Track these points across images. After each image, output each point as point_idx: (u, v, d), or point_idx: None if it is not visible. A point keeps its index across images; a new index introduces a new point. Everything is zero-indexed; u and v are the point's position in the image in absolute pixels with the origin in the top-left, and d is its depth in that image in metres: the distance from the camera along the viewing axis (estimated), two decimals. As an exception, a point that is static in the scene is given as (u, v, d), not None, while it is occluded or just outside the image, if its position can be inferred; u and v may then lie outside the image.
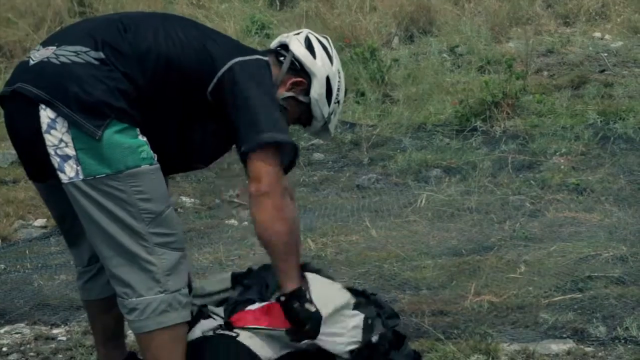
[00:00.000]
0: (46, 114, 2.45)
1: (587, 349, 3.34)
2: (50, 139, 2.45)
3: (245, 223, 5.07)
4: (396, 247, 4.52)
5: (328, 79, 2.82)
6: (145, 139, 2.51)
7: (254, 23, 9.05)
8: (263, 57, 2.72)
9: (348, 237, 4.76)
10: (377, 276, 4.17)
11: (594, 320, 3.53)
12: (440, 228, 4.84)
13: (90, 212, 2.49)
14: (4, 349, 3.66)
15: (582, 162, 5.77)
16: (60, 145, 2.45)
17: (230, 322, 2.74)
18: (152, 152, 2.52)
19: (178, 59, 2.58)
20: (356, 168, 6.13)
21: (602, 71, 7.57)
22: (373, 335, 2.77)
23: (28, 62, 2.56)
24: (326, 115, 2.85)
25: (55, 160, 2.46)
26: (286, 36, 2.89)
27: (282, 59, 2.81)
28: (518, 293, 3.84)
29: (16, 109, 2.54)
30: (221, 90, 2.61)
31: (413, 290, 4.00)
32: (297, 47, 2.82)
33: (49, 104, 2.45)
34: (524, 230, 4.66)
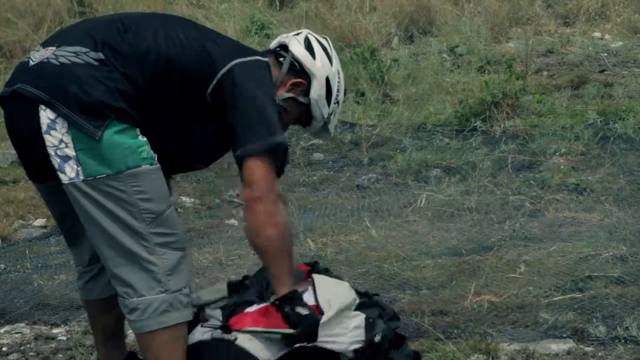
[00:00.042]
0: (46, 115, 2.45)
1: (587, 348, 3.34)
2: (50, 140, 2.45)
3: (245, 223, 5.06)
4: (396, 247, 4.52)
5: (328, 80, 2.82)
6: (146, 139, 2.51)
7: (254, 23, 9.05)
8: (263, 57, 2.73)
9: (348, 237, 4.76)
10: (377, 276, 4.17)
11: (593, 320, 3.53)
12: (440, 228, 4.84)
13: (91, 213, 2.49)
14: (4, 348, 3.66)
15: (582, 162, 5.77)
16: (60, 146, 2.45)
17: (228, 325, 2.73)
18: (152, 152, 2.52)
19: (178, 59, 2.58)
20: (356, 168, 6.13)
21: (602, 71, 7.57)
22: (376, 335, 2.77)
23: (28, 62, 2.55)
24: (326, 115, 2.85)
25: (56, 161, 2.46)
26: (285, 37, 2.88)
27: (282, 59, 2.81)
28: (518, 293, 3.84)
29: (16, 110, 2.54)
30: (221, 91, 2.61)
31: (413, 290, 4.00)
32: (296, 47, 2.82)
33: (48, 105, 2.45)
34: (524, 230, 4.66)
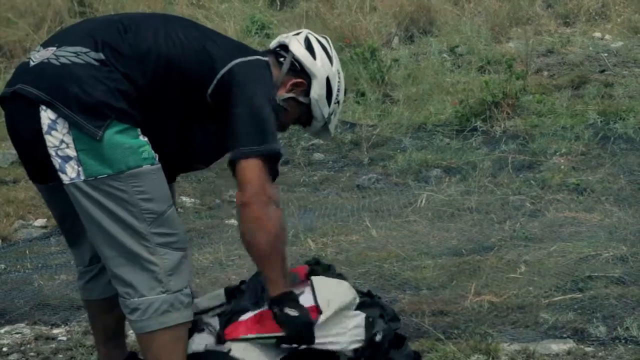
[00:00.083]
0: (47, 115, 2.45)
1: (588, 349, 3.34)
2: (51, 140, 2.45)
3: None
4: (396, 247, 4.52)
5: (328, 80, 2.82)
6: (147, 139, 2.51)
7: (254, 23, 9.05)
8: (263, 57, 2.72)
9: (348, 237, 4.75)
10: (377, 276, 4.17)
11: (594, 320, 3.53)
12: (440, 228, 4.84)
13: (92, 213, 2.49)
14: (5, 349, 3.66)
15: (582, 162, 5.77)
16: (61, 146, 2.45)
17: (221, 336, 2.72)
18: (153, 152, 2.51)
19: (178, 59, 2.57)
20: (356, 168, 6.13)
21: (602, 71, 7.57)
22: (376, 334, 2.77)
23: (28, 63, 2.55)
24: (326, 115, 2.85)
25: (57, 161, 2.46)
26: (285, 37, 2.88)
27: (282, 60, 2.80)
28: (518, 293, 3.84)
29: (17, 110, 2.53)
30: (221, 91, 2.60)
31: (413, 290, 4.00)
32: (297, 47, 2.81)
33: (49, 105, 2.44)
34: (524, 230, 4.66)
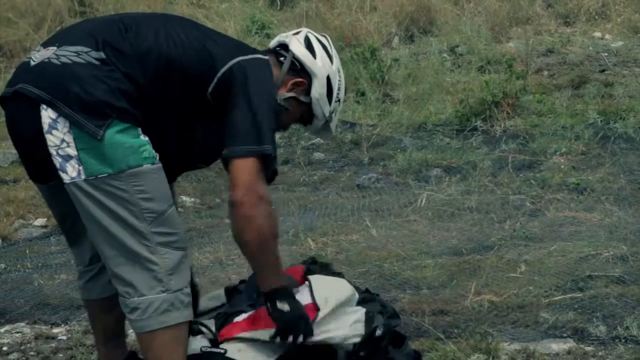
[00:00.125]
0: (47, 114, 2.45)
1: (588, 348, 3.35)
2: (51, 139, 2.45)
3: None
4: (396, 247, 4.52)
5: (329, 78, 2.82)
6: (147, 138, 2.51)
7: (254, 23, 9.05)
8: (264, 56, 2.73)
9: (348, 237, 4.75)
10: (377, 275, 4.17)
11: (594, 319, 3.53)
12: (440, 227, 4.84)
13: (92, 212, 2.49)
14: (5, 348, 3.66)
15: (583, 161, 5.77)
16: (62, 146, 2.45)
17: (216, 338, 2.72)
18: (153, 151, 2.52)
19: (179, 59, 2.57)
20: (356, 167, 6.13)
21: (602, 71, 7.56)
22: (377, 329, 2.78)
23: (29, 62, 2.55)
24: (327, 114, 2.85)
25: (57, 161, 2.46)
26: (285, 36, 2.88)
27: (282, 59, 2.80)
28: (518, 292, 3.84)
29: (17, 110, 2.53)
30: (221, 90, 2.60)
31: (413, 290, 4.00)
32: (297, 47, 2.81)
33: (50, 104, 2.44)
34: (524, 230, 4.66)
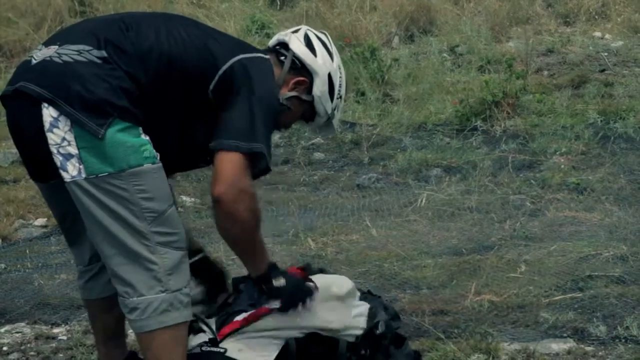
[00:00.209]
0: (49, 113, 2.44)
1: (588, 348, 3.35)
2: (52, 138, 2.44)
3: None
4: (396, 247, 4.52)
5: (330, 76, 2.82)
6: (148, 137, 2.51)
7: (254, 22, 9.05)
8: (265, 55, 2.72)
9: (348, 237, 4.75)
10: (377, 275, 4.17)
11: (594, 319, 3.54)
12: (440, 227, 4.84)
13: (93, 211, 2.49)
14: (5, 348, 3.66)
15: (583, 161, 5.77)
16: (63, 144, 2.44)
17: (216, 337, 2.72)
18: (154, 151, 2.51)
19: (180, 57, 2.57)
20: (356, 167, 6.13)
21: (602, 71, 7.56)
22: (378, 325, 2.79)
23: (30, 61, 2.55)
24: (329, 111, 2.85)
25: (58, 159, 2.46)
26: (284, 34, 2.87)
27: (283, 58, 2.80)
28: (518, 292, 3.84)
29: (18, 108, 2.53)
30: (222, 88, 2.60)
31: (413, 290, 4.00)
32: (297, 45, 2.81)
33: (51, 103, 2.44)
34: (524, 230, 4.66)
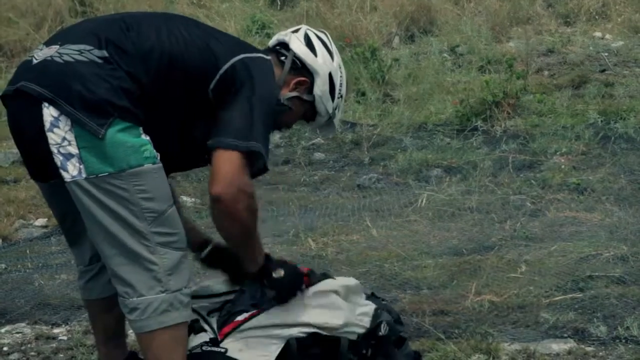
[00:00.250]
0: (49, 112, 2.44)
1: (588, 348, 3.35)
2: (53, 137, 2.44)
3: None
4: (397, 247, 4.52)
5: (330, 75, 2.82)
6: (148, 138, 2.50)
7: (255, 22, 9.05)
8: (266, 56, 2.72)
9: (349, 237, 4.75)
10: (377, 276, 4.17)
11: (594, 319, 3.53)
12: (441, 228, 4.84)
13: (93, 211, 2.48)
14: (5, 348, 3.66)
15: (583, 161, 5.77)
16: (63, 144, 2.44)
17: (217, 337, 2.73)
18: (154, 151, 2.51)
19: (181, 57, 2.57)
20: (357, 168, 6.13)
21: (602, 71, 7.56)
22: (382, 325, 2.80)
23: (31, 61, 2.55)
24: (330, 110, 2.85)
25: (58, 159, 2.45)
26: (284, 34, 2.87)
27: (283, 58, 2.80)
28: (519, 293, 3.84)
29: (19, 108, 2.53)
30: (223, 87, 2.60)
31: (414, 290, 4.00)
32: (297, 45, 2.81)
33: (52, 102, 2.44)
34: (525, 230, 4.66)
